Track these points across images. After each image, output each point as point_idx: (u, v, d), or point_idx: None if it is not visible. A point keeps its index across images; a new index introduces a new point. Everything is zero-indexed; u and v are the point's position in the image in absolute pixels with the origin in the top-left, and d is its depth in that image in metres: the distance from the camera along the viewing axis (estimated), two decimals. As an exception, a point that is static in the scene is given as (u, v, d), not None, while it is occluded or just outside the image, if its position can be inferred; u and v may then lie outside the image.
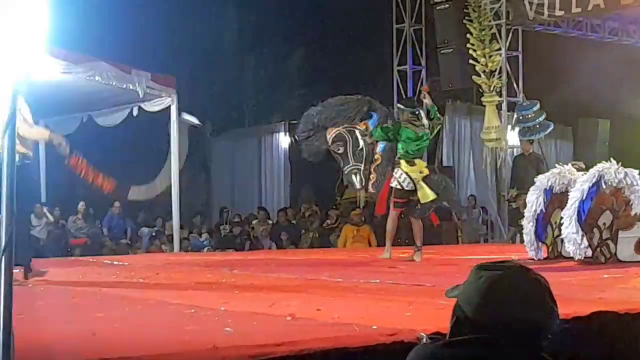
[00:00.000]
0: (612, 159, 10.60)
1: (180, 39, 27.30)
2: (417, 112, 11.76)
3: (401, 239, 16.20)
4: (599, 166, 10.43)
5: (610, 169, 10.32)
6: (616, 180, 10.27)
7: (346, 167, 12.64)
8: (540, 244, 11.05)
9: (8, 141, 3.70)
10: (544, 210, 10.87)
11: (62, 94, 15.68)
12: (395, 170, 11.68)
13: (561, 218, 10.34)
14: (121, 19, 24.36)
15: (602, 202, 10.38)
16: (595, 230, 10.34)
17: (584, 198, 10.22)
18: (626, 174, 10.33)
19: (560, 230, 10.45)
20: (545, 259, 10.98)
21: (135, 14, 24.87)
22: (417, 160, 11.68)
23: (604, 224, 10.41)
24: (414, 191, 11.55)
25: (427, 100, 12.17)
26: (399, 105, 12.46)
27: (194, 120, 8.99)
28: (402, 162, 11.57)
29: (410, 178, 11.50)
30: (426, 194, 11.55)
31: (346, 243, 17.17)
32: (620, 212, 10.44)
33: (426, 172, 11.72)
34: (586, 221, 10.20)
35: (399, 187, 11.59)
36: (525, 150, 16.14)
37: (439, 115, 12.16)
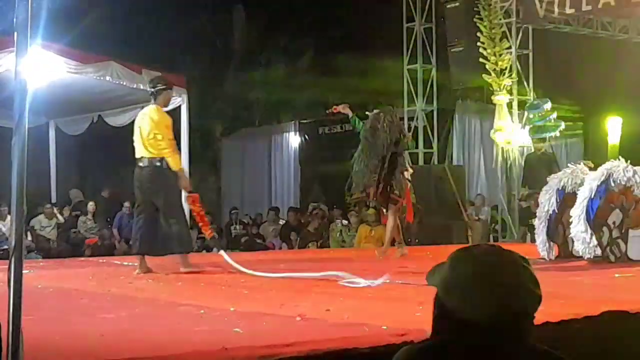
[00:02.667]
0: (620, 157, 10.57)
1: (190, 38, 27.34)
2: None
3: (411, 239, 16.20)
4: (608, 164, 10.40)
5: (618, 167, 10.29)
6: (625, 178, 10.24)
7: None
8: (551, 244, 11.02)
9: (18, 141, 3.70)
10: (556, 211, 10.83)
11: (72, 94, 15.74)
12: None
13: (570, 217, 10.32)
14: (131, 18, 24.41)
15: (612, 200, 10.34)
16: (604, 229, 10.31)
17: (592, 196, 10.19)
18: (635, 172, 10.30)
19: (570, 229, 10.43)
20: (556, 258, 10.94)
21: (145, 14, 24.91)
22: None
23: (614, 222, 10.37)
24: None
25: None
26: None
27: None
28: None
29: None
30: None
31: (361, 243, 17.11)
32: (630, 210, 10.41)
33: None
34: (595, 220, 10.17)
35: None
36: (537, 148, 16.10)
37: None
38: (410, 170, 12.24)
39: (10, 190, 3.69)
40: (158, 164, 9.68)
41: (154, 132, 9.69)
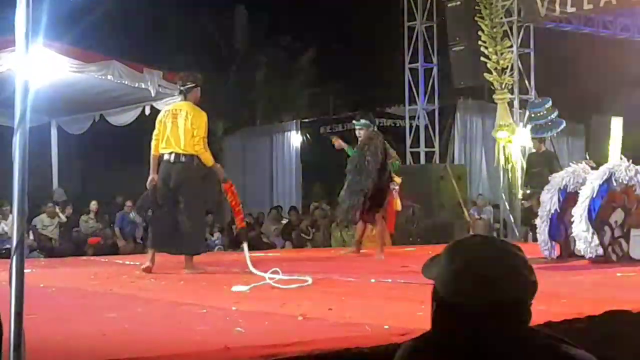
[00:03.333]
0: (622, 156, 10.56)
1: (192, 37, 27.36)
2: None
3: (413, 238, 16.21)
4: (610, 164, 10.41)
5: (620, 167, 10.29)
6: (627, 178, 10.23)
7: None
8: (553, 243, 11.00)
9: (20, 140, 3.70)
10: (558, 210, 10.81)
11: (74, 93, 15.75)
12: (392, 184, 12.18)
13: (572, 216, 10.31)
14: (133, 18, 24.43)
15: (613, 199, 10.33)
16: (606, 228, 10.29)
17: (594, 196, 10.18)
18: (637, 172, 10.29)
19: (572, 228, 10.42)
20: (558, 257, 10.93)
21: (147, 13, 24.92)
22: None
23: (616, 221, 10.36)
24: None
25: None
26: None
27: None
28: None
29: None
30: None
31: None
32: (632, 209, 10.40)
33: None
34: (597, 219, 10.16)
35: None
36: (537, 148, 16.08)
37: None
38: (398, 180, 12.35)
39: (12, 190, 3.68)
40: (190, 160, 9.70)
41: (194, 128, 9.72)
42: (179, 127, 9.72)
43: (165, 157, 9.76)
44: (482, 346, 2.27)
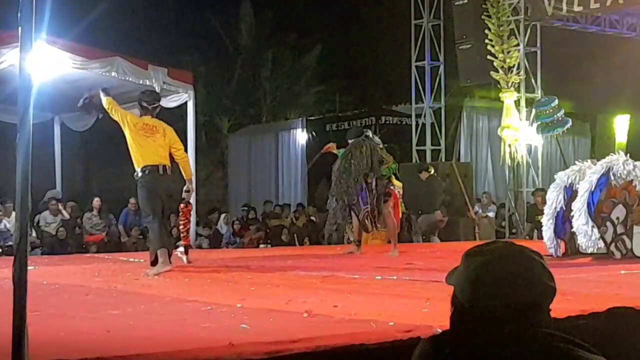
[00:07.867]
0: (620, 151, 10.62)
1: (197, 34, 27.36)
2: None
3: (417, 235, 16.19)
4: (608, 158, 10.48)
5: (618, 161, 10.32)
6: (625, 172, 10.27)
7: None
8: (559, 241, 11.00)
9: (23, 137, 3.68)
10: (564, 208, 10.81)
11: (78, 89, 15.68)
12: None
13: (572, 211, 10.35)
14: (137, 14, 24.44)
15: (613, 194, 10.37)
16: (609, 224, 10.31)
17: (592, 189, 10.23)
18: (635, 166, 10.33)
19: (575, 224, 10.46)
20: (563, 255, 10.93)
21: (151, 9, 24.94)
22: None
23: (618, 218, 10.37)
24: None
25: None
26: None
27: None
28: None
29: None
30: None
31: (368, 240, 17.09)
32: (634, 206, 10.40)
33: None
34: (596, 212, 10.19)
35: None
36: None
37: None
38: (399, 184, 12.50)
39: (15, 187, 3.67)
40: (171, 170, 9.97)
41: (172, 143, 10.08)
42: (156, 142, 9.90)
43: (151, 167, 9.83)
44: (498, 349, 2.29)
